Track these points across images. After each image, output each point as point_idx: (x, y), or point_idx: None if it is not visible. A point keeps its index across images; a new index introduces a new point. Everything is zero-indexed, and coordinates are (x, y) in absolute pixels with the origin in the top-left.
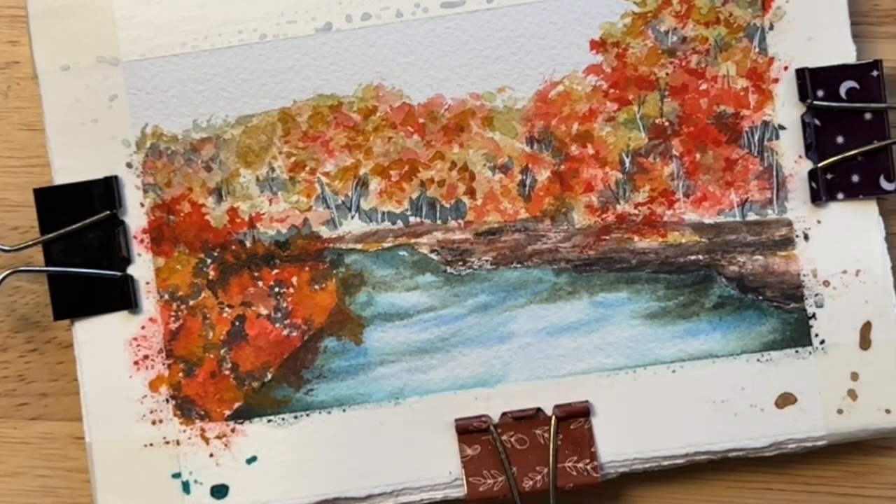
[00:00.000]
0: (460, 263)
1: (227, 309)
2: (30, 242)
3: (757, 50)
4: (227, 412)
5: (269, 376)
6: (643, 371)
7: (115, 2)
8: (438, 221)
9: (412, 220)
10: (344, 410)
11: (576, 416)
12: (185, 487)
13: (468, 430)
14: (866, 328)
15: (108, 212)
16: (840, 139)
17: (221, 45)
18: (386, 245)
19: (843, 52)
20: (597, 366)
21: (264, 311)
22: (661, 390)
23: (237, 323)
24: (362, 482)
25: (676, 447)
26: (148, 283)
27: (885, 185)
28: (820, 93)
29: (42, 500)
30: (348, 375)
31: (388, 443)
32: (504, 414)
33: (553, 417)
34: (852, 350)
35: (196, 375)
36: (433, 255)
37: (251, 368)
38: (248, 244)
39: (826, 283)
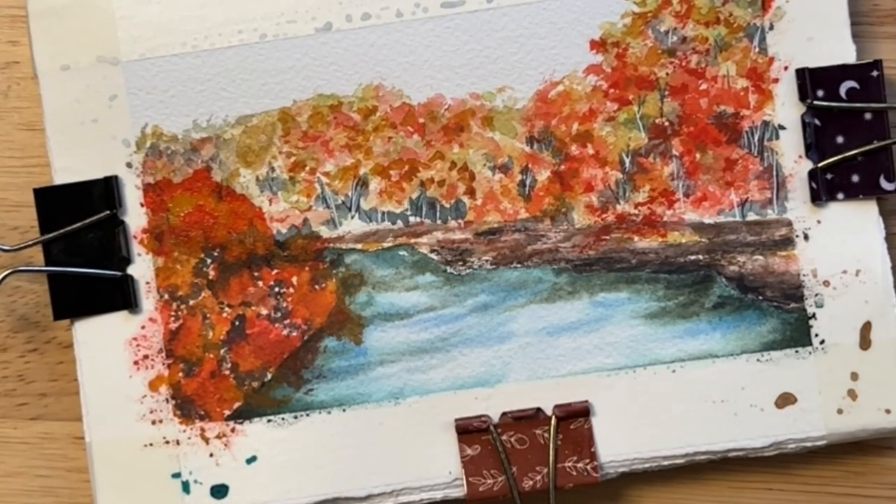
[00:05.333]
0: (460, 263)
1: (227, 309)
2: (30, 242)
3: (757, 50)
4: (227, 412)
5: (269, 376)
6: (643, 371)
7: (115, 2)
8: (438, 221)
9: (412, 220)
10: (344, 410)
11: (576, 416)
12: (185, 487)
13: (468, 430)
14: (866, 328)
15: (107, 211)
16: (840, 139)
17: (221, 44)
18: (386, 245)
19: (843, 52)
20: (597, 366)
21: (264, 311)
22: (661, 390)
23: (237, 323)
24: (362, 482)
25: (676, 447)
26: (148, 282)
27: (885, 185)
28: (820, 93)
29: (42, 500)
30: (348, 375)
31: (388, 443)
32: (504, 414)
33: (553, 417)
34: (852, 350)
35: (196, 375)
36: (433, 255)
37: (251, 368)
38: (247, 244)
39: (826, 283)
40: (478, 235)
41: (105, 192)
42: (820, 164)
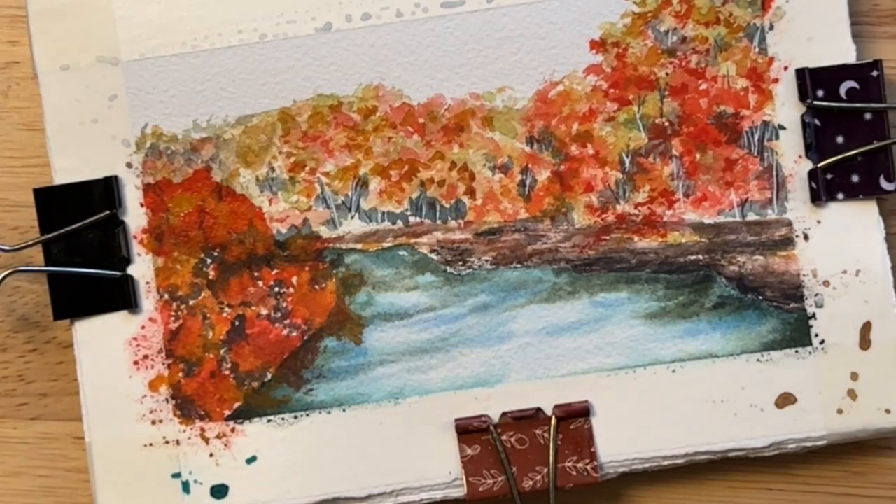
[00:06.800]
0: (460, 263)
1: (226, 309)
2: (30, 242)
3: (757, 50)
4: (227, 412)
5: (269, 376)
6: (643, 371)
7: (115, 2)
8: (438, 221)
9: (412, 220)
10: (344, 410)
11: (576, 416)
12: (185, 487)
13: (468, 430)
14: (866, 328)
15: (107, 212)
16: (840, 139)
17: (221, 45)
18: (386, 245)
19: (843, 52)
20: (597, 366)
21: (264, 311)
22: (661, 390)
23: (237, 323)
24: (362, 482)
25: (676, 447)
26: (148, 282)
27: (884, 185)
28: (820, 93)
29: (42, 500)
30: (348, 375)
31: (388, 443)
32: (504, 414)
33: (553, 417)
34: (852, 350)
35: (196, 375)
36: (433, 255)
37: (251, 368)
38: (247, 244)
39: (826, 283)
40: (478, 235)
41: (105, 192)
42: (820, 164)
